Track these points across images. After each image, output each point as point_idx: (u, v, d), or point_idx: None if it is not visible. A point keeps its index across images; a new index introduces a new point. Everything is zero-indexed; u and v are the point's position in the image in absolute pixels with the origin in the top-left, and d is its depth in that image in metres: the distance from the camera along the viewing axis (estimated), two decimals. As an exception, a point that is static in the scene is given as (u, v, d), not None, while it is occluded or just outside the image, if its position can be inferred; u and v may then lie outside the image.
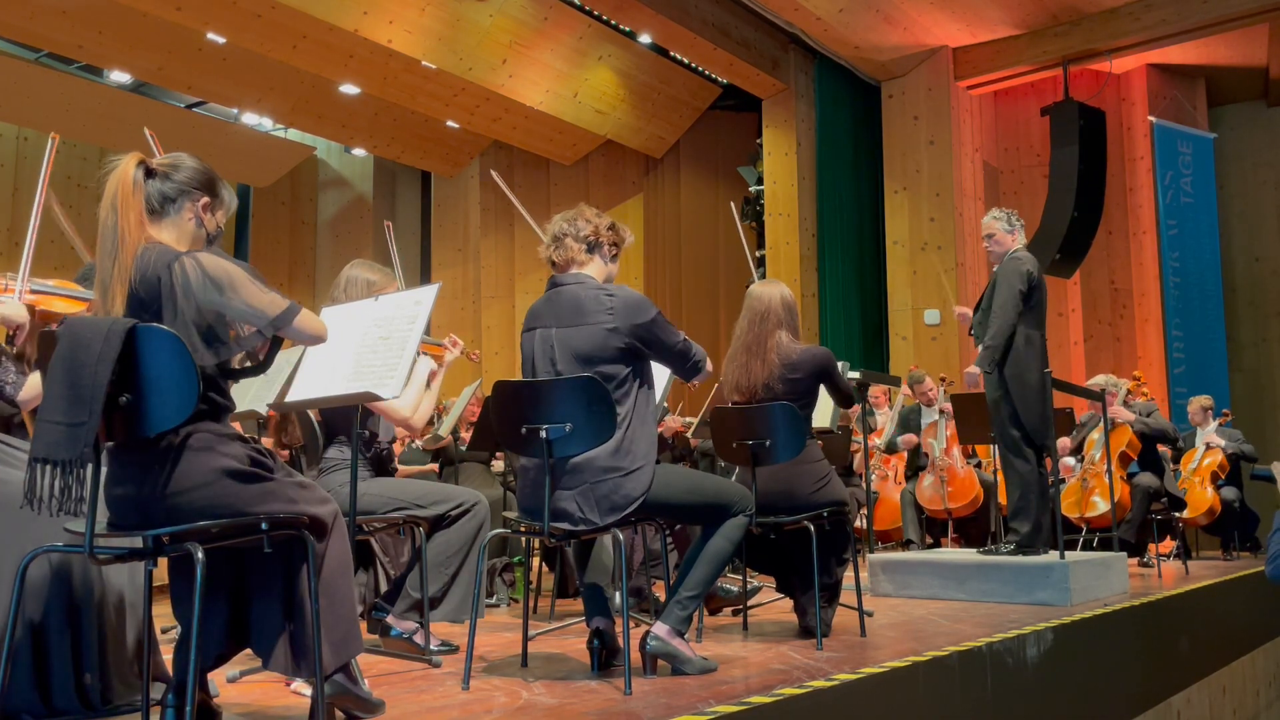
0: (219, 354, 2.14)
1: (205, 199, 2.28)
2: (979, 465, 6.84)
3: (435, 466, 5.99)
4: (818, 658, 3.20)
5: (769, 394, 3.66)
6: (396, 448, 5.64)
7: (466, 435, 6.09)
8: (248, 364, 2.29)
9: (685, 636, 3.01)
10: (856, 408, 5.46)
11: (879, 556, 5.15)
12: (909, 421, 7.24)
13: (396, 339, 2.96)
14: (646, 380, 3.03)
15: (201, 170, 2.29)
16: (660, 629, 2.97)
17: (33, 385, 2.50)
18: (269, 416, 4.12)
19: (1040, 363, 4.80)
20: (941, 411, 6.84)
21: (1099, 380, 6.67)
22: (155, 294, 2.11)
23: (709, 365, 3.16)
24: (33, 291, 2.63)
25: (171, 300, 2.10)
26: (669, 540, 4.27)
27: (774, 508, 3.57)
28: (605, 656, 3.05)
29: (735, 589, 4.40)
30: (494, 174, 4.31)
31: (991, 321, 4.79)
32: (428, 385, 3.54)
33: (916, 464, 7.05)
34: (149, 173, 2.23)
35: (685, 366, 3.09)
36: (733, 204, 6.39)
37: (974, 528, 6.71)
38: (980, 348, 4.85)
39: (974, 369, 4.86)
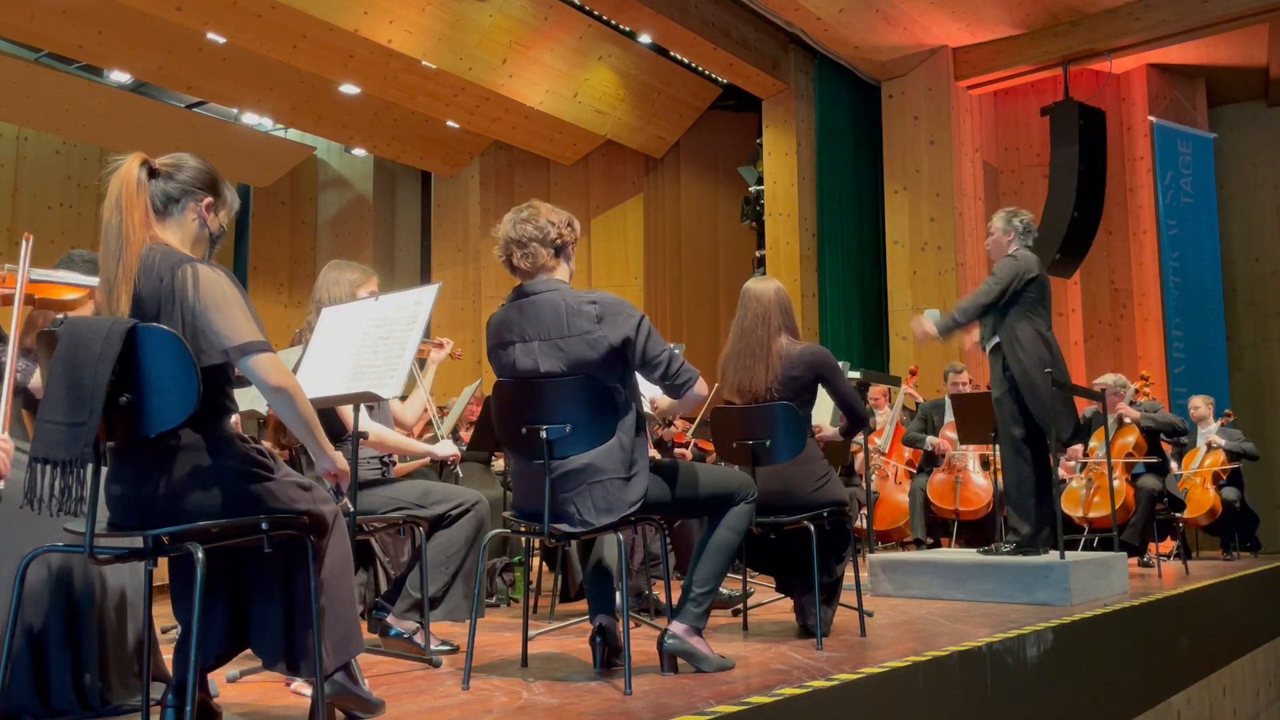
0: (204, 363, 2.13)
1: (209, 199, 2.28)
2: (995, 472, 6.81)
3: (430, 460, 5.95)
4: (818, 658, 3.19)
5: (770, 397, 3.66)
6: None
7: (466, 435, 6.09)
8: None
9: (701, 633, 3.01)
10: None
11: (879, 556, 5.15)
12: (931, 417, 7.20)
13: (396, 339, 2.96)
14: (635, 386, 3.00)
15: (205, 170, 2.29)
16: (677, 628, 2.96)
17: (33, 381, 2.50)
18: (269, 416, 4.12)
19: (1049, 356, 4.80)
20: None
21: (1107, 380, 6.66)
22: (157, 294, 2.11)
23: (701, 387, 2.96)
24: (32, 281, 2.62)
25: (170, 302, 2.10)
26: (668, 541, 4.27)
27: (774, 507, 3.57)
28: (608, 654, 3.04)
29: (728, 592, 4.40)
30: None
31: (967, 300, 4.85)
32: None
33: (932, 462, 7.03)
34: (152, 173, 2.23)
35: (670, 383, 2.90)
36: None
37: (977, 534, 6.69)
38: (952, 312, 4.91)
39: (928, 326, 4.84)
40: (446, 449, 3.77)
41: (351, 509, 2.97)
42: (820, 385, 3.75)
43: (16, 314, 2.53)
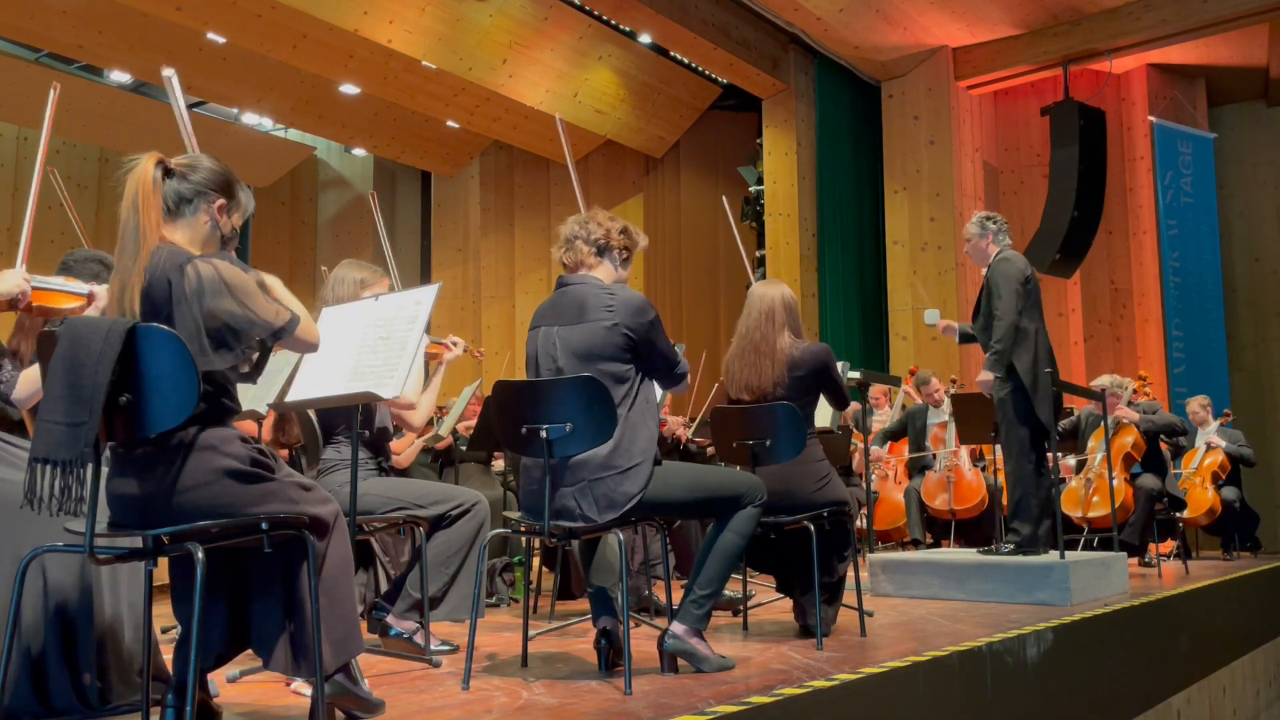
0: (225, 359, 2.13)
1: (221, 200, 2.28)
2: (984, 468, 6.83)
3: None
4: (818, 658, 3.19)
5: (777, 394, 3.66)
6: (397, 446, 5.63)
7: (467, 435, 6.08)
8: (243, 370, 2.29)
9: (702, 635, 3.01)
10: (856, 405, 5.48)
11: (879, 556, 5.15)
12: (915, 421, 7.22)
13: (396, 339, 2.96)
14: (646, 378, 3.04)
15: (220, 172, 2.28)
16: (678, 628, 2.97)
17: (28, 382, 2.49)
18: (269, 416, 4.12)
19: (1047, 354, 4.79)
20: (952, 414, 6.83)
21: (1104, 380, 6.66)
22: (165, 295, 2.10)
23: (688, 379, 3.20)
24: (33, 288, 2.62)
25: (181, 302, 2.10)
26: (668, 542, 4.26)
27: (774, 508, 3.56)
28: (612, 656, 3.05)
29: (730, 594, 4.39)
30: (559, 119, 4.17)
31: (995, 326, 4.80)
32: (426, 383, 3.58)
33: (922, 463, 7.04)
34: (167, 172, 2.22)
35: (672, 374, 3.09)
36: (725, 199, 5.97)
37: (977, 532, 6.70)
38: (988, 353, 4.85)
39: (986, 376, 4.84)
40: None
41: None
42: (819, 382, 3.75)
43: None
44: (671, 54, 9.90)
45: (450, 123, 10.47)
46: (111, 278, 2.19)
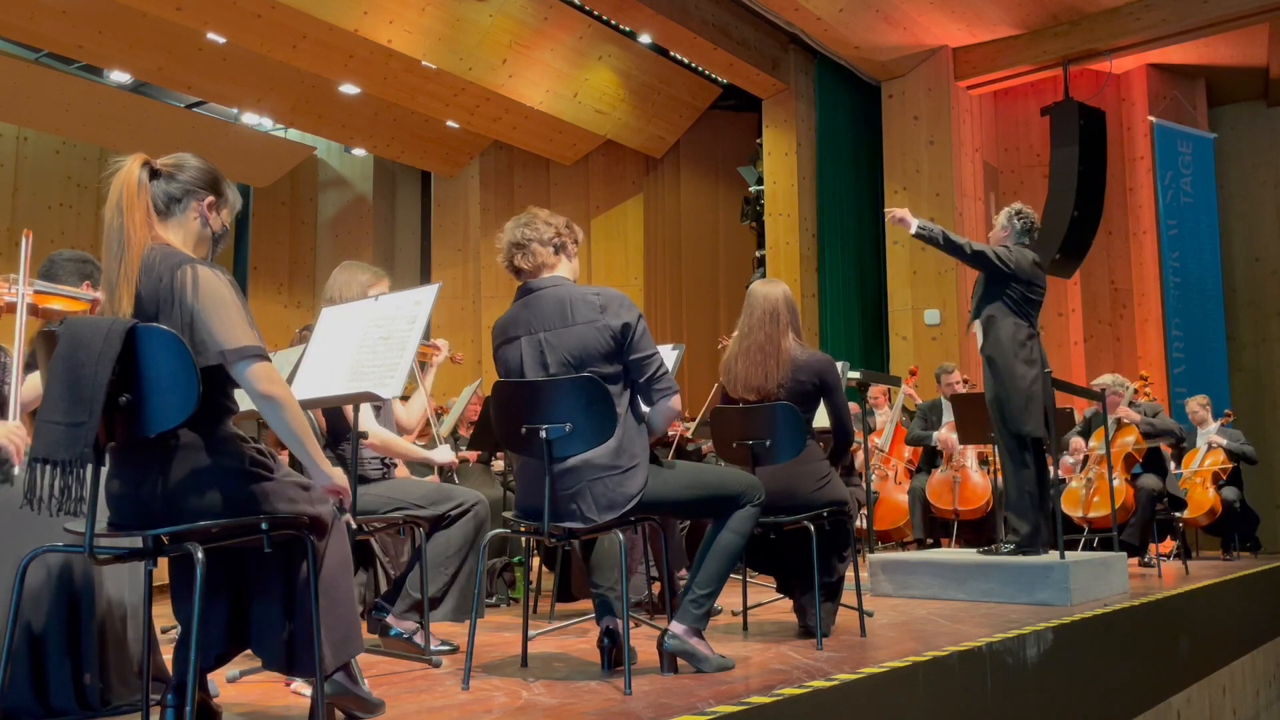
0: (200, 364, 2.13)
1: (210, 198, 2.29)
2: (994, 472, 6.80)
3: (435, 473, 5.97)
4: (818, 658, 3.19)
5: (778, 395, 3.66)
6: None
7: (466, 435, 6.09)
8: None
9: (702, 635, 3.01)
10: (855, 406, 5.48)
11: (879, 556, 5.15)
12: (928, 418, 7.21)
13: (396, 339, 2.96)
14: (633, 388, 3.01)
15: (206, 170, 2.29)
16: (677, 628, 2.97)
17: (31, 386, 2.49)
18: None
19: (1027, 354, 4.79)
20: None
21: (1106, 380, 6.65)
22: (156, 294, 2.11)
23: (676, 403, 2.98)
24: (36, 292, 2.63)
25: (170, 302, 2.11)
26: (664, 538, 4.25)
27: (774, 507, 3.56)
28: (616, 655, 3.05)
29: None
30: None
31: (959, 238, 4.85)
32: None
33: (931, 462, 7.03)
34: (154, 173, 2.23)
35: (650, 386, 2.93)
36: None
37: (978, 533, 6.69)
38: (940, 229, 4.86)
39: (907, 215, 4.81)
40: (444, 455, 3.76)
41: (354, 526, 2.93)
42: (821, 395, 3.75)
43: (21, 320, 2.53)
44: (671, 54, 9.90)
45: (450, 123, 10.46)
46: (101, 280, 2.20)
